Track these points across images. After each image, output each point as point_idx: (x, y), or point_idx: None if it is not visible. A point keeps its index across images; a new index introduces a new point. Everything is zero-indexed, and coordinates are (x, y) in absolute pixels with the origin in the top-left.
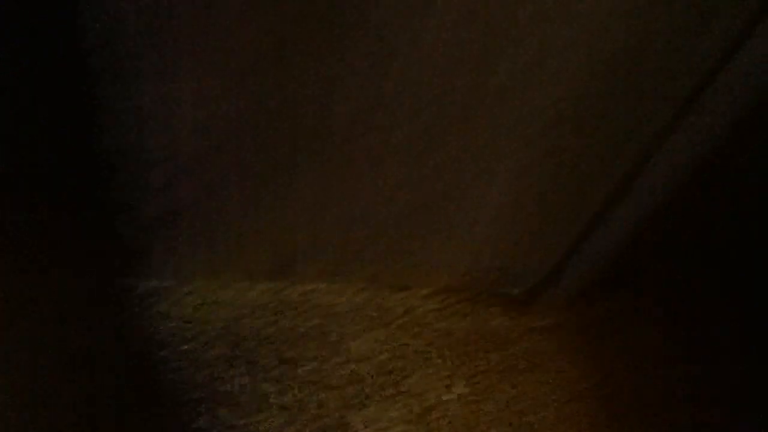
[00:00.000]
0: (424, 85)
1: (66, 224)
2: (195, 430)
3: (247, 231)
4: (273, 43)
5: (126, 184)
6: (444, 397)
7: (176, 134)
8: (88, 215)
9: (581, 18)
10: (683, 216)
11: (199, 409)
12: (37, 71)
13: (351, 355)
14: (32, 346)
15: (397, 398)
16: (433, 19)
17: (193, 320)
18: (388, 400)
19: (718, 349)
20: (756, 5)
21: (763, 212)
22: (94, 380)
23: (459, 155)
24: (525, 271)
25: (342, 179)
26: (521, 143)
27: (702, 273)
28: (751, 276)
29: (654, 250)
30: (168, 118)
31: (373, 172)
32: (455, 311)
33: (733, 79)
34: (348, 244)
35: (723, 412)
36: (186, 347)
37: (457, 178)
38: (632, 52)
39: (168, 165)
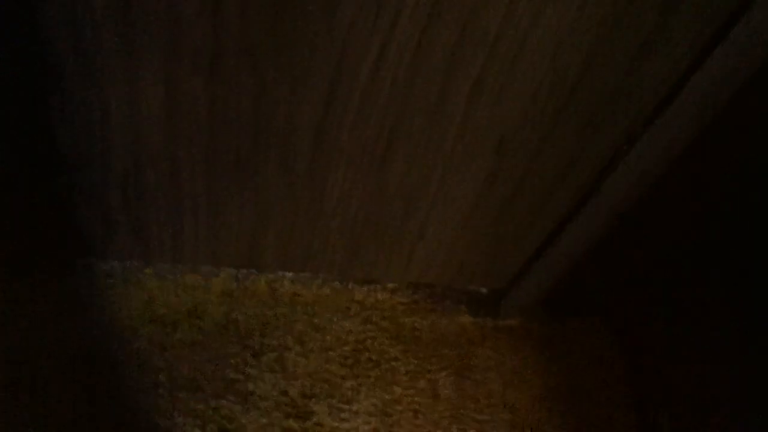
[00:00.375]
0: (386, 94)
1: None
2: (154, 413)
3: (213, 217)
4: (240, 42)
5: (91, 166)
6: (408, 391)
7: (141, 117)
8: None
9: (536, 41)
10: (651, 223)
11: (159, 391)
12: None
13: (316, 345)
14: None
15: (360, 390)
16: (396, 36)
17: (156, 303)
18: (351, 392)
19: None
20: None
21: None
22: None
23: (426, 155)
24: (493, 271)
25: (309, 175)
26: (489, 146)
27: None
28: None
29: (624, 255)
30: (133, 110)
31: (341, 170)
32: (422, 307)
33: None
34: (316, 235)
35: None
36: (147, 329)
37: (426, 178)
38: (585, 76)
39: (132, 149)
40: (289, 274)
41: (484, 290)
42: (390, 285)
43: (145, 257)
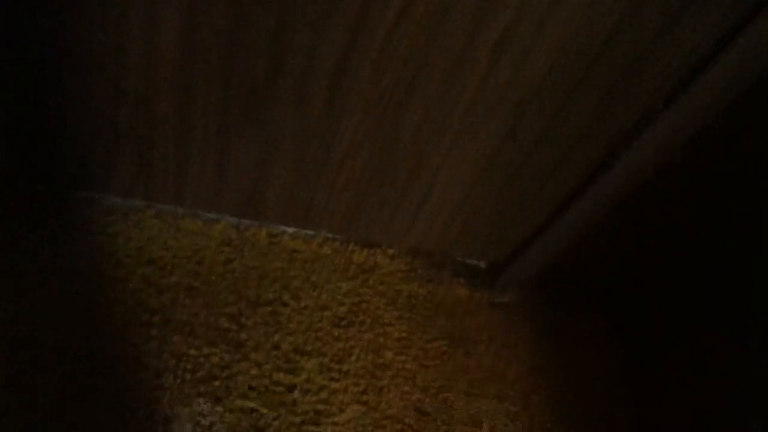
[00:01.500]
0: (411, 38)
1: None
2: (145, 353)
3: (221, 155)
4: None
5: (103, 89)
6: (399, 357)
7: (158, 38)
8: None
9: (566, 2)
10: (651, 215)
11: (151, 332)
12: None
13: (311, 302)
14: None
15: (352, 351)
16: None
17: (155, 244)
18: (342, 353)
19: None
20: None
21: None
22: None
23: (443, 108)
24: (494, 244)
25: (322, 116)
26: (507, 106)
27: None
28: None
29: (625, 240)
30: (152, 19)
31: (356, 115)
32: (421, 275)
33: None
34: (320, 187)
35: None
36: (145, 270)
37: (440, 134)
38: (612, 43)
39: (147, 72)
40: (290, 229)
41: (482, 264)
42: (390, 251)
43: (148, 197)
